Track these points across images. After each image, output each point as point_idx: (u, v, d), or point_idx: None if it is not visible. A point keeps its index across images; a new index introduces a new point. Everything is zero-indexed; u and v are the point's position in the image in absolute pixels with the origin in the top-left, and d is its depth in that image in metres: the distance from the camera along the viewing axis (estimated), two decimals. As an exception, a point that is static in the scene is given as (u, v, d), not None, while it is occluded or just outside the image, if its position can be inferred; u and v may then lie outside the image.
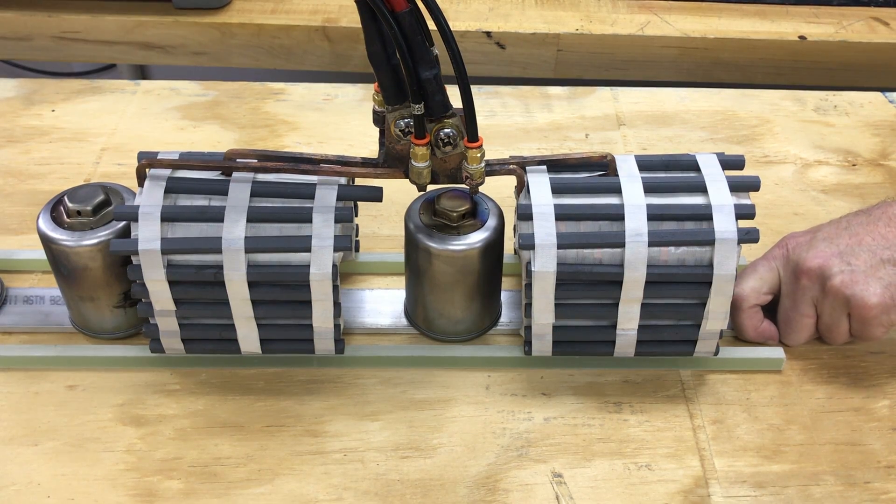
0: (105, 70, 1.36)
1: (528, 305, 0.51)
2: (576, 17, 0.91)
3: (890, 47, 0.89)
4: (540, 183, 0.50)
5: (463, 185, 0.50)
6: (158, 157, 0.50)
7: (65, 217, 0.53)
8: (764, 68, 0.91)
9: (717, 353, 0.54)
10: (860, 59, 0.90)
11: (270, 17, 0.90)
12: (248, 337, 0.52)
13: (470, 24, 0.88)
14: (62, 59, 0.92)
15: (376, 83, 0.47)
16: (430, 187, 0.51)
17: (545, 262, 0.49)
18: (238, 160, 0.50)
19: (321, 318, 0.51)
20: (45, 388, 0.54)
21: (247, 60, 0.91)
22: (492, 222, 0.53)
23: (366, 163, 0.51)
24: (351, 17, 0.90)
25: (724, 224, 0.49)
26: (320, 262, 0.49)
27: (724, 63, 0.90)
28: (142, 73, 1.33)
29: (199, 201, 0.50)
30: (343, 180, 0.51)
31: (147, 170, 0.50)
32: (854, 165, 0.74)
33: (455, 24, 0.88)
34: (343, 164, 0.51)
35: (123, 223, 0.52)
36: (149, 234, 0.48)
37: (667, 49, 0.90)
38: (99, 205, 0.53)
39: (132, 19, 0.89)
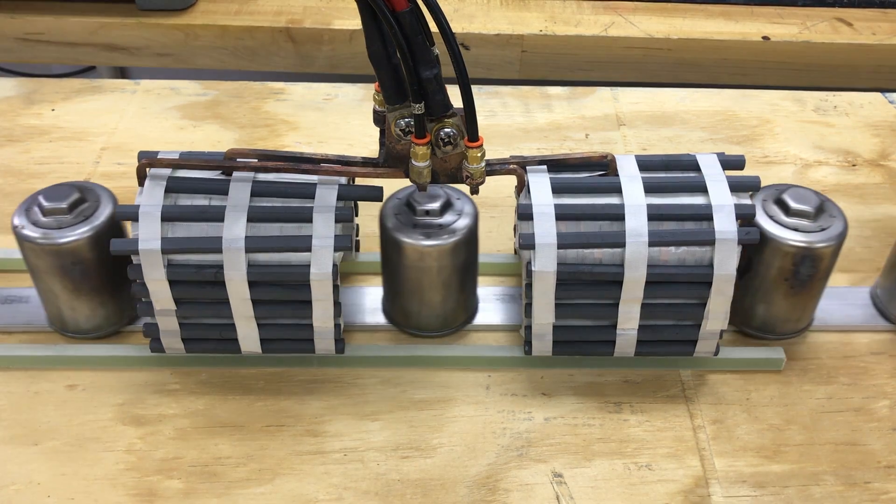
0: (84, 72, 1.37)
1: (529, 305, 0.51)
2: (540, 17, 0.91)
3: (852, 48, 0.90)
4: (540, 183, 0.50)
5: None
6: (158, 156, 0.50)
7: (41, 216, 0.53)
8: (728, 69, 0.91)
9: (717, 353, 0.54)
10: (824, 60, 0.90)
11: (234, 18, 0.90)
12: (249, 337, 0.52)
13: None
14: (27, 60, 0.93)
15: (376, 83, 0.47)
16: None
17: (545, 262, 0.49)
18: (238, 160, 0.50)
19: (321, 317, 0.51)
20: (45, 387, 0.54)
21: (211, 62, 0.92)
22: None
23: (366, 162, 0.51)
24: (315, 19, 0.90)
25: (725, 224, 0.49)
26: (320, 261, 0.49)
27: (688, 64, 0.91)
28: (121, 74, 1.33)
29: (200, 201, 0.50)
30: (343, 180, 0.51)
31: (147, 169, 0.50)
32: (854, 166, 0.74)
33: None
34: (343, 163, 0.51)
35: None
36: (149, 234, 0.48)
37: (631, 50, 0.90)
38: (74, 203, 0.53)
39: (96, 21, 0.89)
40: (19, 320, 0.57)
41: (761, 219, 0.53)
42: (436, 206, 0.53)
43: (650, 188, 0.50)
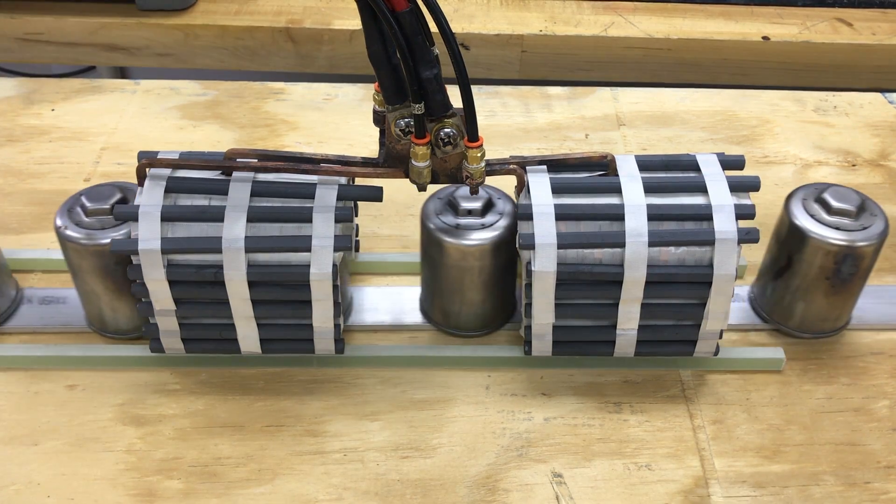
0: (84, 72, 1.37)
1: (528, 305, 0.51)
2: (540, 18, 0.91)
3: (852, 48, 0.90)
4: (540, 183, 0.50)
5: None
6: (158, 156, 0.50)
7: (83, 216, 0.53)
8: (728, 69, 0.91)
9: (717, 353, 0.54)
10: (824, 60, 0.90)
11: (234, 18, 0.90)
12: (248, 337, 0.52)
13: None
14: (27, 60, 0.93)
15: (376, 83, 0.47)
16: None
17: (545, 262, 0.49)
18: (238, 160, 0.50)
19: (321, 317, 0.51)
20: (45, 387, 0.54)
21: (211, 62, 0.92)
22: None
23: (366, 162, 0.51)
24: (315, 19, 0.90)
25: (725, 224, 0.49)
26: (320, 261, 0.49)
27: (688, 64, 0.91)
28: (121, 74, 1.34)
29: (200, 201, 0.50)
30: (343, 180, 0.51)
31: (147, 169, 0.50)
32: (854, 166, 0.74)
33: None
34: (343, 163, 0.51)
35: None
36: (149, 234, 0.48)
37: (631, 50, 0.90)
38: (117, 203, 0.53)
39: (96, 21, 0.89)
40: (57, 321, 0.57)
41: (802, 217, 0.54)
42: (478, 205, 0.53)
43: (650, 188, 0.50)
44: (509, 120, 0.78)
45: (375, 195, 0.51)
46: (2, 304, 0.57)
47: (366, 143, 0.75)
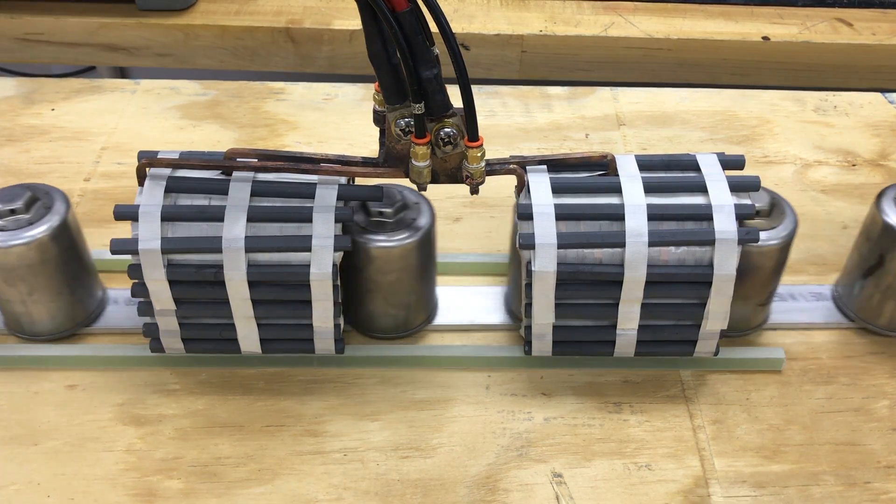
0: (84, 72, 1.37)
1: (528, 305, 0.51)
2: (540, 18, 0.91)
3: (852, 48, 0.90)
4: (540, 182, 0.50)
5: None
6: (158, 156, 0.50)
7: None
8: (728, 69, 0.91)
9: (717, 353, 0.54)
10: (824, 60, 0.90)
11: (234, 18, 0.90)
12: (248, 336, 0.52)
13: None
14: (27, 60, 0.93)
15: (376, 83, 0.47)
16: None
17: (545, 262, 0.49)
18: (238, 160, 0.50)
19: (321, 317, 0.51)
20: (45, 387, 0.54)
21: (211, 62, 0.92)
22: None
23: (366, 162, 0.51)
24: (315, 19, 0.90)
25: (725, 224, 0.49)
26: (320, 261, 0.49)
27: (688, 64, 0.91)
28: (121, 74, 1.34)
29: (200, 201, 0.50)
30: (343, 180, 0.51)
31: (147, 169, 0.50)
32: (854, 166, 0.74)
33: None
34: (343, 163, 0.51)
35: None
36: (149, 234, 0.48)
37: (631, 50, 0.90)
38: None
39: (96, 21, 0.89)
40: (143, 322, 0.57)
41: (895, 216, 0.54)
42: None
43: (650, 188, 0.50)
44: (509, 120, 0.78)
45: (376, 195, 0.51)
46: (90, 305, 0.57)
47: (366, 143, 0.75)
